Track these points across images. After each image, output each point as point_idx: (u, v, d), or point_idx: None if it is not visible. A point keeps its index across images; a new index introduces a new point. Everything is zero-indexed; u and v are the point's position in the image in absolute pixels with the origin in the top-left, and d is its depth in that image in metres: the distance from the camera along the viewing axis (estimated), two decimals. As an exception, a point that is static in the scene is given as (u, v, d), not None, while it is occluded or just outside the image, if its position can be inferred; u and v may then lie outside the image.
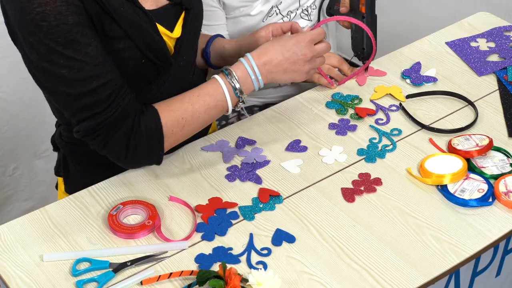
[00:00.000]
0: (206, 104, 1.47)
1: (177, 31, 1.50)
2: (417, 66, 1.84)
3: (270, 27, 1.66)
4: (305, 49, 1.50)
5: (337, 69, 1.80)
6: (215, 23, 1.79)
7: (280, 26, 1.66)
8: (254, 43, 1.65)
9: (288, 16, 1.90)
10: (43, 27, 1.30)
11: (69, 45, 1.32)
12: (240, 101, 1.50)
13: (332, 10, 1.90)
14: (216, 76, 1.49)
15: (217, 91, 1.47)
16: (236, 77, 1.47)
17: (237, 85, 1.47)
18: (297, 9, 1.90)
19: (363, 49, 1.79)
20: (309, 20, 1.93)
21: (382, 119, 1.69)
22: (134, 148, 1.43)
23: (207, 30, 1.81)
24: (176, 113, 1.45)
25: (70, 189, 1.54)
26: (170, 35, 1.49)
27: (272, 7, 1.86)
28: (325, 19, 1.74)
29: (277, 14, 1.88)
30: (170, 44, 1.50)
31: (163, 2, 1.50)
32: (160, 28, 1.46)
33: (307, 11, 1.92)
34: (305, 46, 1.51)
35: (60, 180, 1.71)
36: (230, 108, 1.50)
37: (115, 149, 1.43)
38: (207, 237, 1.41)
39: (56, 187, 1.77)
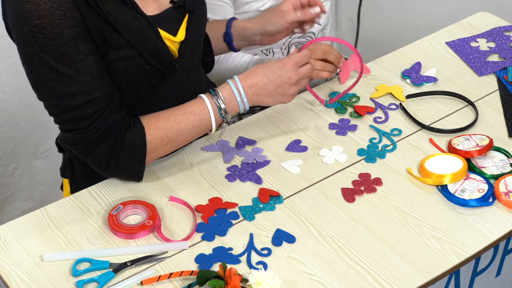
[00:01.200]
0: (191, 123, 1.49)
1: (181, 34, 1.51)
2: (417, 66, 1.84)
3: (291, 0, 1.69)
4: (290, 72, 1.52)
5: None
6: (222, 18, 1.79)
7: (299, 0, 1.69)
8: (279, 16, 1.69)
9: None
10: (39, 39, 1.32)
11: (61, 58, 1.34)
12: (225, 121, 1.51)
13: None
14: (203, 96, 1.51)
15: (203, 110, 1.49)
16: (222, 98, 1.49)
17: (222, 106, 1.49)
18: None
19: None
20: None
21: (380, 117, 1.69)
22: (116, 161, 1.45)
23: None
24: (161, 131, 1.47)
25: (76, 190, 1.55)
26: (173, 39, 1.49)
27: None
28: (312, 39, 1.73)
29: None
30: (174, 48, 1.50)
31: (166, 6, 1.50)
32: (163, 33, 1.46)
33: None
34: (289, 69, 1.52)
35: (66, 181, 1.71)
36: (214, 127, 1.52)
37: (96, 160, 1.46)
38: (207, 237, 1.41)
39: (61, 188, 1.77)
